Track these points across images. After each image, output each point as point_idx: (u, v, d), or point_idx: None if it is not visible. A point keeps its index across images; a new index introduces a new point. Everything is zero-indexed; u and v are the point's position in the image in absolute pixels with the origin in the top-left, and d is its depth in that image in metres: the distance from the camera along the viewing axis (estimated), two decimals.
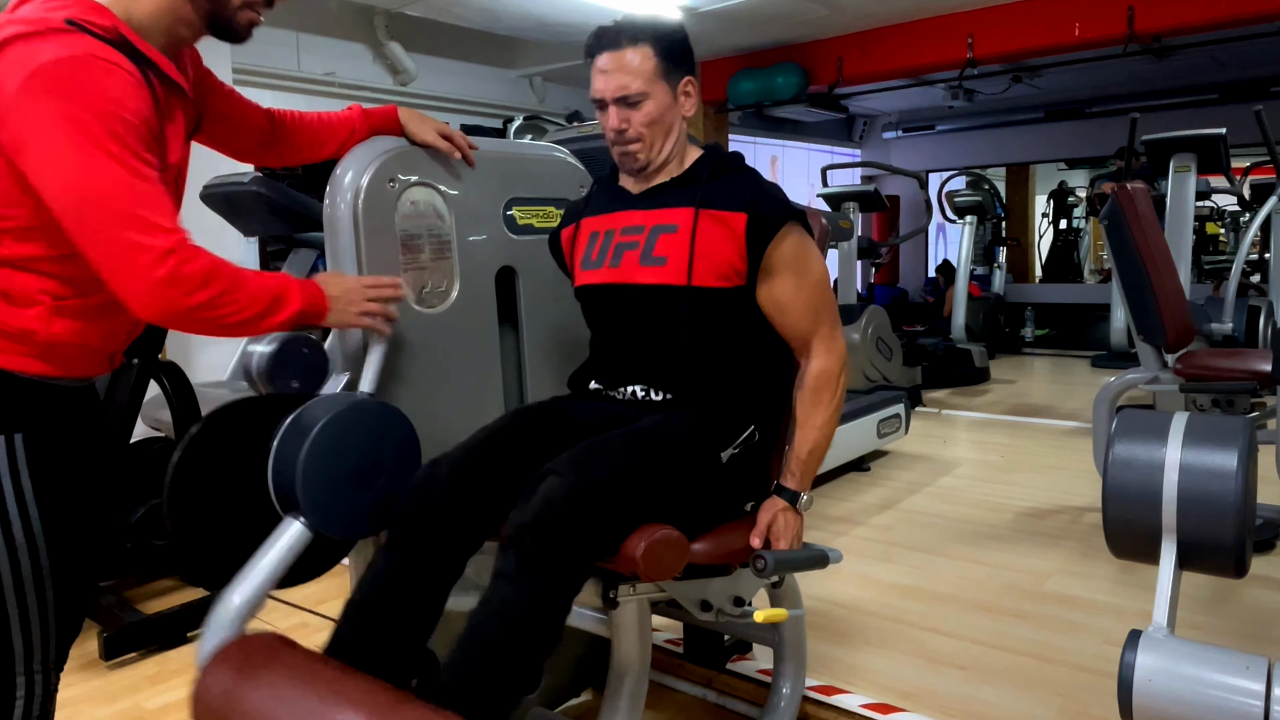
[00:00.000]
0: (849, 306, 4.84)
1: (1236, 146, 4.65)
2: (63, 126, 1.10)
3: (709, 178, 1.62)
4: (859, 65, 6.15)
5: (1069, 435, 4.88)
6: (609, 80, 1.58)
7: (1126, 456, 1.56)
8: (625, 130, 1.60)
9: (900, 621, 2.53)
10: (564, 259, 1.80)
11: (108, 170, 1.12)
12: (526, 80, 6.69)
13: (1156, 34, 5.24)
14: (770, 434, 1.64)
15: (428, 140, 1.71)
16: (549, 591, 1.31)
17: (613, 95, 1.58)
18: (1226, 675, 1.37)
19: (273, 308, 1.31)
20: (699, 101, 1.67)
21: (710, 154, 1.68)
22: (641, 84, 1.58)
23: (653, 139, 1.62)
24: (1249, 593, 2.62)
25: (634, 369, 1.65)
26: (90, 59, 1.12)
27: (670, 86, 1.61)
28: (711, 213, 1.58)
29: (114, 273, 1.16)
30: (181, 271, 1.18)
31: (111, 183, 1.13)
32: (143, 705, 2.22)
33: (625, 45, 1.57)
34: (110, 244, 1.15)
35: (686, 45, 1.64)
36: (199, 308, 1.21)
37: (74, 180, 1.12)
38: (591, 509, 1.34)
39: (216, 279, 1.22)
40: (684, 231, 1.59)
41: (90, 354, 1.29)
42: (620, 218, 1.69)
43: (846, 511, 3.58)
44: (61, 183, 1.12)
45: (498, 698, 1.29)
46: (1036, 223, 10.43)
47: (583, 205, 1.80)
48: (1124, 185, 2.97)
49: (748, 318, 1.60)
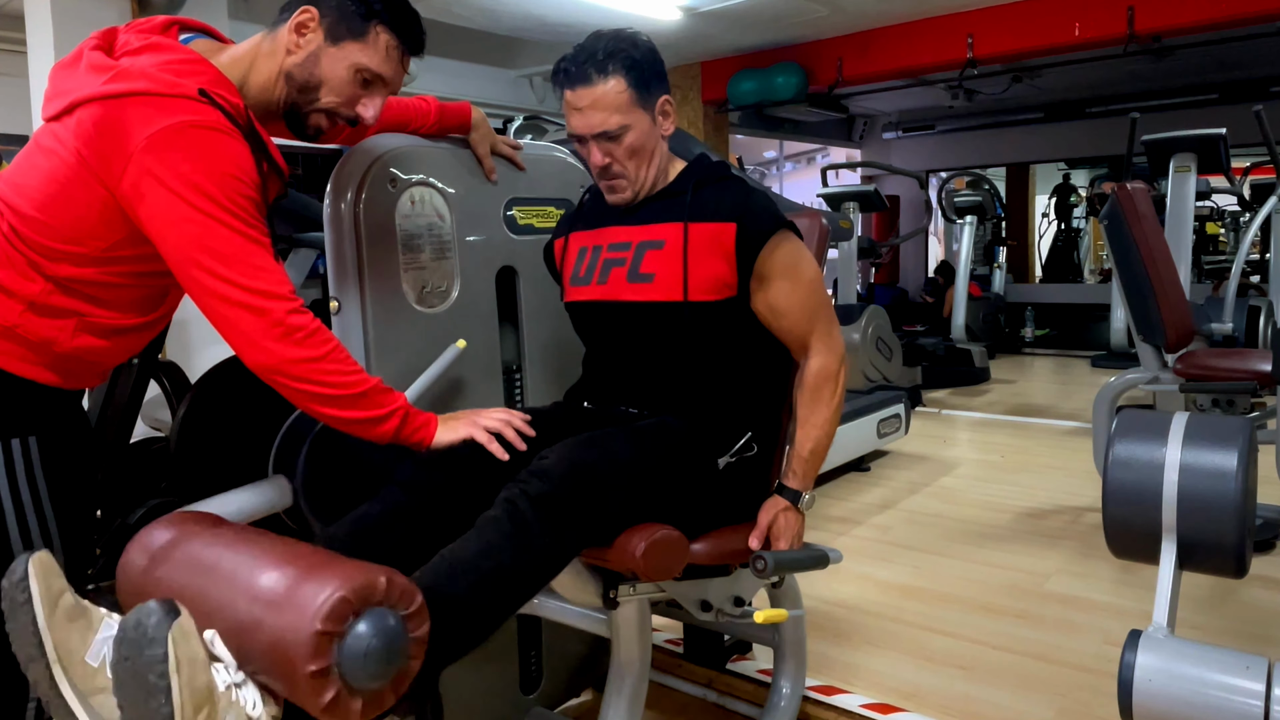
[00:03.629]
0: (849, 306, 4.84)
1: (1236, 146, 4.64)
2: (189, 187, 1.17)
3: (695, 189, 1.61)
4: (859, 65, 6.14)
5: (1069, 435, 4.88)
6: (586, 119, 1.56)
7: (1126, 456, 1.56)
8: (610, 165, 1.59)
9: (900, 621, 2.53)
10: (556, 270, 1.81)
11: (229, 236, 1.19)
12: (526, 80, 6.68)
13: (1156, 34, 5.23)
14: (768, 444, 1.64)
15: (480, 154, 1.79)
16: (526, 558, 1.27)
17: (593, 132, 1.56)
18: (1226, 675, 1.37)
19: (373, 398, 1.30)
20: (676, 117, 1.66)
21: (695, 166, 1.67)
22: (620, 117, 1.55)
23: (636, 169, 1.61)
24: (1249, 593, 2.62)
25: (627, 388, 1.65)
26: (218, 131, 1.19)
27: (648, 111, 1.59)
28: (700, 225, 1.57)
29: (231, 328, 1.22)
30: (294, 322, 1.23)
31: (234, 248, 1.19)
32: None
33: (595, 79, 1.53)
34: (230, 305, 1.20)
35: (658, 64, 1.60)
36: (306, 361, 1.24)
37: (198, 240, 1.18)
38: (587, 488, 1.33)
39: (328, 341, 1.27)
40: (670, 247, 1.58)
41: (99, 369, 1.34)
42: (606, 234, 1.69)
43: (846, 511, 3.58)
44: (184, 240, 1.18)
45: (442, 640, 1.13)
46: (1036, 223, 10.42)
47: (574, 216, 1.79)
48: (1124, 185, 2.97)
49: (742, 328, 1.60)
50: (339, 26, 1.33)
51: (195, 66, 1.24)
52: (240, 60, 1.32)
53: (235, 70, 1.30)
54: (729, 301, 1.57)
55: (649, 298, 1.59)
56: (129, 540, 1.17)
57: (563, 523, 1.30)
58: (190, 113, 1.18)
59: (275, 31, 1.34)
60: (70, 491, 1.31)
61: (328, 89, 1.34)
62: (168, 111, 1.17)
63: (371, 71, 1.35)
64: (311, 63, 1.33)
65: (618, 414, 1.64)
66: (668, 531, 1.42)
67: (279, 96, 1.34)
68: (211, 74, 1.24)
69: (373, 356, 1.63)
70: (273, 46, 1.33)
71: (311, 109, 1.35)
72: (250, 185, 1.23)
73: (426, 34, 1.42)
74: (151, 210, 1.18)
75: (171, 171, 1.16)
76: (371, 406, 1.30)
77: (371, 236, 1.62)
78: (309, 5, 1.32)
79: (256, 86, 1.32)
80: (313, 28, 1.32)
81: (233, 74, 1.29)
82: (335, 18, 1.32)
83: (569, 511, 1.31)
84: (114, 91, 1.17)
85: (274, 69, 1.33)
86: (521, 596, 1.30)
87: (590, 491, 1.34)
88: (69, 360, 1.27)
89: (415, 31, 1.40)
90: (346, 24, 1.33)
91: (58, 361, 1.26)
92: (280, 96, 1.34)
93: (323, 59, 1.33)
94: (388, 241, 1.64)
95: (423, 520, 1.38)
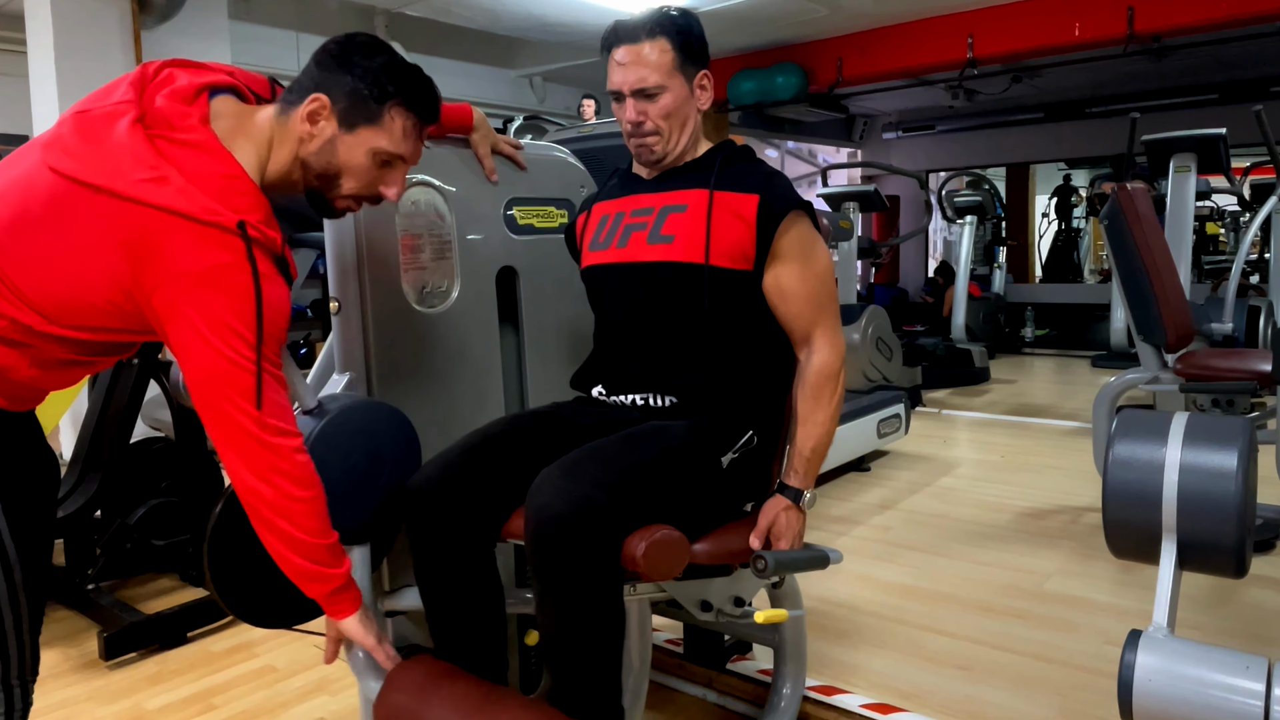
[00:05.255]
0: (849, 306, 4.84)
1: (1236, 146, 4.64)
2: (222, 328, 1.19)
3: (721, 164, 1.64)
4: (859, 65, 6.15)
5: (1069, 435, 4.88)
6: (627, 73, 1.59)
7: (1126, 456, 1.56)
8: (643, 123, 1.61)
9: (900, 621, 2.53)
10: (576, 246, 1.81)
11: (253, 378, 1.22)
12: (526, 80, 6.69)
13: (1156, 34, 5.24)
14: (769, 438, 1.64)
15: (481, 154, 1.79)
16: (581, 603, 1.36)
17: (631, 88, 1.59)
18: (1226, 675, 1.37)
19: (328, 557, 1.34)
20: (713, 95, 1.68)
21: (722, 146, 1.70)
22: (659, 77, 1.59)
23: (670, 131, 1.63)
24: (1249, 593, 2.62)
25: (637, 363, 1.65)
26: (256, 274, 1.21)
27: (687, 80, 1.63)
28: (724, 194, 1.59)
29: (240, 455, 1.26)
30: (298, 460, 1.29)
31: (249, 389, 1.22)
32: (143, 705, 2.22)
33: (644, 39, 1.59)
34: (246, 435, 1.24)
35: (703, 39, 1.66)
36: (294, 500, 1.28)
37: (224, 376, 1.21)
38: (595, 515, 1.34)
39: (316, 485, 1.31)
40: (693, 210, 1.60)
41: (41, 394, 1.33)
42: (631, 201, 1.71)
43: (846, 511, 3.58)
44: (210, 375, 1.22)
45: (603, 697, 1.41)
46: (1036, 223, 10.42)
47: (598, 193, 1.82)
48: (1124, 185, 2.97)
49: (752, 309, 1.60)
50: (352, 113, 1.29)
51: (236, 188, 1.22)
52: (259, 145, 1.29)
53: (255, 157, 1.28)
54: (745, 275, 1.58)
55: (669, 258, 1.60)
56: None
57: (586, 562, 1.35)
58: (231, 253, 1.18)
59: (287, 115, 1.30)
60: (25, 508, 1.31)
61: (348, 176, 1.33)
62: (209, 249, 1.17)
63: (390, 154, 1.33)
64: (328, 152, 1.30)
65: (621, 413, 1.64)
66: (668, 532, 1.42)
67: (299, 181, 1.33)
68: (250, 197, 1.23)
69: (373, 356, 1.63)
70: (286, 132, 1.30)
71: (335, 195, 1.35)
72: (278, 326, 1.25)
73: (426, 34, 1.41)
74: (181, 338, 1.21)
75: (206, 310, 1.19)
76: (323, 563, 1.34)
77: (371, 236, 1.62)
78: (319, 93, 1.28)
79: (276, 171, 1.30)
80: (325, 115, 1.29)
81: (254, 162, 1.27)
82: (347, 104, 1.29)
83: (585, 548, 1.35)
84: (155, 204, 1.15)
85: (289, 155, 1.30)
86: (619, 632, 1.41)
87: (598, 520, 1.35)
88: (19, 387, 1.26)
89: (430, 102, 1.37)
90: (360, 110, 1.30)
91: (8, 388, 1.25)
92: (299, 181, 1.33)
93: (339, 147, 1.30)
94: (388, 241, 1.65)
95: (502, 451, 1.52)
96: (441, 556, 1.49)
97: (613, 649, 1.40)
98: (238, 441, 1.25)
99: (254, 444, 1.25)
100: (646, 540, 1.38)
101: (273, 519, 1.29)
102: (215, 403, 1.24)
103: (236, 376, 1.21)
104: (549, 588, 1.37)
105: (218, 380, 1.22)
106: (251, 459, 1.26)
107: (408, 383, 1.68)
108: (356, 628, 1.41)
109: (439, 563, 1.50)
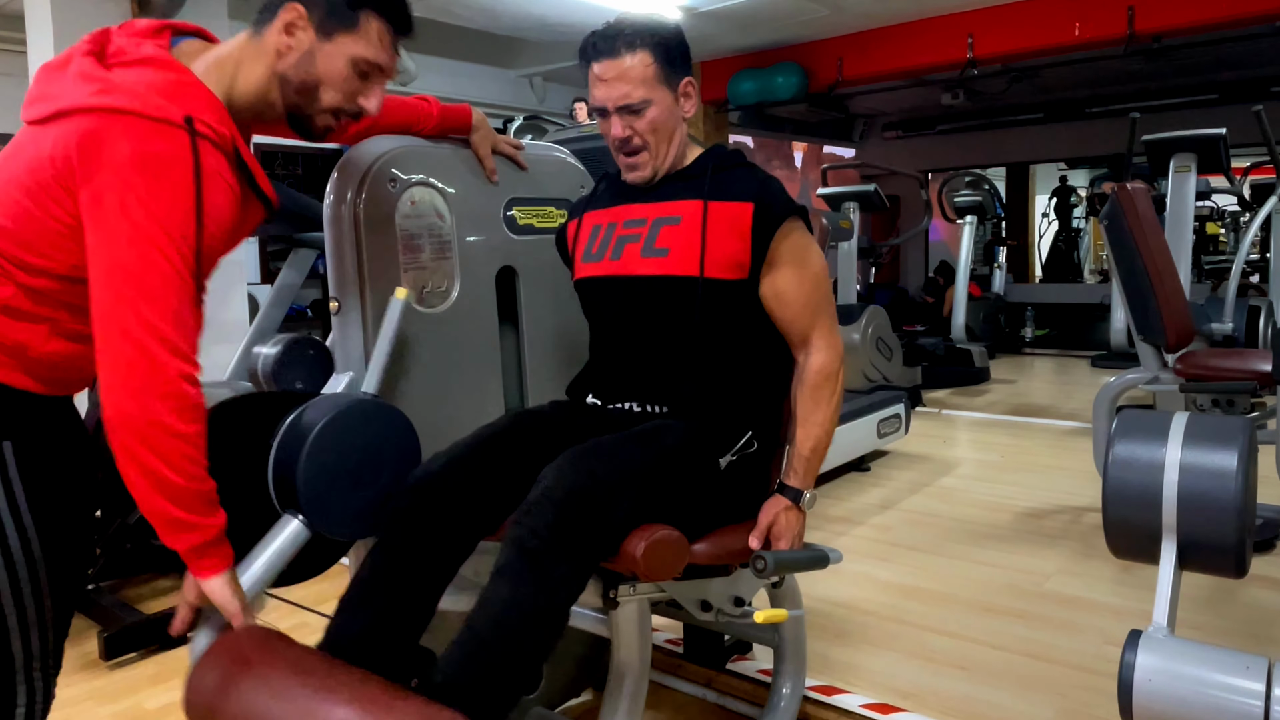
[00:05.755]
0: (849, 306, 4.84)
1: (1236, 146, 4.64)
2: (146, 216, 1.12)
3: (713, 171, 1.62)
4: (859, 65, 6.14)
5: (1069, 435, 4.88)
6: (610, 89, 1.57)
7: (1126, 456, 1.56)
8: (630, 138, 1.60)
9: (900, 621, 2.53)
10: (568, 254, 1.81)
11: (165, 276, 1.14)
12: (526, 80, 6.68)
13: (1156, 34, 5.23)
14: (768, 442, 1.64)
15: (482, 154, 1.79)
16: (550, 593, 1.31)
17: (615, 104, 1.57)
18: (1226, 675, 1.37)
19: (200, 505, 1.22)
20: (699, 100, 1.67)
21: (712, 151, 1.69)
22: (644, 91, 1.57)
23: (657, 145, 1.62)
24: (1249, 593, 2.62)
25: (632, 374, 1.65)
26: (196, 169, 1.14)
27: (671, 89, 1.61)
28: (718, 204, 1.58)
29: (115, 365, 1.15)
30: (182, 388, 1.16)
31: (164, 290, 1.14)
32: (143, 705, 2.22)
33: (623, 52, 1.56)
34: (129, 341, 1.14)
35: (684, 46, 1.63)
36: (170, 434, 1.16)
37: (129, 268, 1.13)
38: (592, 508, 1.34)
39: (199, 422, 1.19)
40: (687, 222, 1.59)
41: (76, 374, 1.30)
42: (622, 211, 1.69)
43: (846, 511, 3.58)
44: (116, 262, 1.13)
45: (496, 698, 1.28)
46: (1036, 223, 10.42)
47: (588, 199, 1.80)
48: (1124, 185, 2.97)
49: (749, 316, 1.60)
50: (329, 21, 1.29)
51: (188, 90, 1.19)
52: (224, 64, 1.28)
53: (220, 78, 1.26)
54: (741, 284, 1.57)
55: (664, 272, 1.59)
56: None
57: (574, 545, 1.32)
58: (172, 143, 1.14)
59: (260, 33, 1.30)
60: (54, 497, 1.28)
61: (327, 87, 1.32)
62: (149, 137, 1.13)
63: (369, 62, 1.33)
64: (307, 62, 1.30)
65: (617, 415, 1.64)
66: (668, 532, 1.42)
67: (277, 101, 1.31)
68: (203, 98, 1.20)
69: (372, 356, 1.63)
70: (259, 49, 1.29)
71: (315, 110, 1.33)
72: (217, 235, 1.19)
73: (426, 34, 1.42)
74: (98, 222, 1.13)
75: (133, 195, 1.12)
76: (194, 511, 1.21)
77: (371, 236, 1.62)
78: (294, 3, 1.28)
79: (246, 93, 1.29)
80: (302, 26, 1.28)
81: (218, 83, 1.25)
82: (324, 12, 1.29)
83: (578, 533, 1.32)
84: (100, 106, 1.13)
85: (264, 73, 1.29)
86: (557, 628, 1.33)
87: (595, 513, 1.34)
88: (45, 365, 1.23)
89: (403, 10, 1.36)
90: (336, 17, 1.30)
91: (33, 366, 1.22)
92: (279, 101, 1.31)
93: (318, 57, 1.30)
94: (388, 241, 1.65)
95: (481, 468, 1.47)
96: (421, 548, 1.43)
97: (540, 638, 1.31)
98: (120, 351, 1.13)
99: (139, 356, 1.13)
100: (646, 540, 1.38)
101: (139, 451, 1.15)
102: (110, 301, 1.13)
103: (145, 276, 1.12)
104: (519, 554, 1.29)
105: (121, 275, 1.12)
106: (130, 374, 1.13)
107: (408, 382, 1.68)
108: (223, 589, 1.26)
109: (411, 553, 1.43)
